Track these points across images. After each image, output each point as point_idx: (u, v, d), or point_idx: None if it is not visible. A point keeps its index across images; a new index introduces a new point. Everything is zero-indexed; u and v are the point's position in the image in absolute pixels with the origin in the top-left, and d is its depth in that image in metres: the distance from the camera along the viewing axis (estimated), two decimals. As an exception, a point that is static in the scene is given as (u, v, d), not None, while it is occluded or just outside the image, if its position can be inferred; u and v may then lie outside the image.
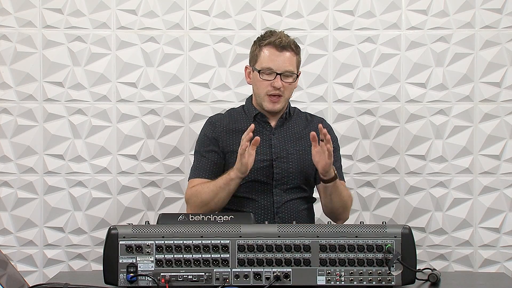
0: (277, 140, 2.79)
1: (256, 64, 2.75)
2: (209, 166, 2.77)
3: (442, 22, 3.41)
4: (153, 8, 3.42)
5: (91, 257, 3.43)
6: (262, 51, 2.74)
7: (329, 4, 3.43)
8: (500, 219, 3.41)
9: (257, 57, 2.75)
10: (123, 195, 3.43)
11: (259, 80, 2.73)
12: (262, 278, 2.07)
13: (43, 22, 3.40)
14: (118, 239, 2.07)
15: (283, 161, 2.76)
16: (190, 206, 2.71)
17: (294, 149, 2.78)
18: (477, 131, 3.41)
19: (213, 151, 2.78)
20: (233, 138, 2.79)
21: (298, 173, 2.77)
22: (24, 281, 2.11)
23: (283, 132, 2.81)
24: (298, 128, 2.84)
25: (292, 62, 2.74)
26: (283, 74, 2.71)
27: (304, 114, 2.92)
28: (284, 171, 2.75)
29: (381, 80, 3.42)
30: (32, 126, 3.41)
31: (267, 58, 2.72)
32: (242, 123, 2.81)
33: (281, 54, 2.72)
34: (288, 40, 2.73)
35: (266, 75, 2.72)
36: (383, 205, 3.44)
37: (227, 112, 2.91)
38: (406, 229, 2.09)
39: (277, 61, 2.71)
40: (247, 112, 2.85)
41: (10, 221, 3.41)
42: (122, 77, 3.42)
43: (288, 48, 2.73)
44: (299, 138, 2.81)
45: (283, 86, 2.72)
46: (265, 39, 2.75)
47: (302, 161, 2.77)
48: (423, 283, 2.21)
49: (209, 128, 2.83)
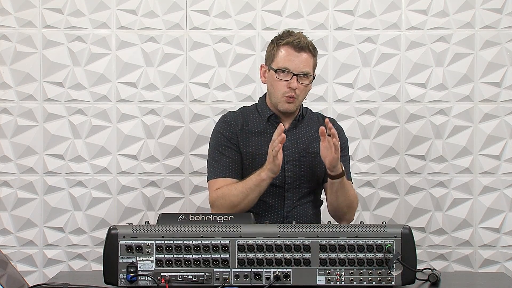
0: (290, 142, 2.76)
1: (272, 63, 2.72)
2: (231, 164, 2.73)
3: (442, 22, 3.41)
4: (153, 8, 3.42)
5: (91, 257, 3.43)
6: (280, 50, 2.71)
7: (329, 4, 3.43)
8: (500, 219, 3.41)
9: (274, 56, 2.72)
10: (123, 195, 3.43)
11: (275, 80, 2.71)
12: (262, 278, 2.07)
13: (43, 22, 3.41)
14: (118, 239, 2.07)
15: (295, 164, 2.74)
16: (216, 209, 2.67)
17: (306, 152, 2.76)
18: (477, 131, 3.41)
19: (232, 148, 2.74)
20: (248, 139, 2.76)
21: (310, 177, 2.75)
22: (24, 281, 2.11)
23: (296, 135, 2.79)
24: (311, 130, 2.81)
25: (309, 64, 2.71)
26: (299, 75, 2.69)
27: (316, 115, 2.89)
28: (296, 175, 2.73)
29: (381, 80, 3.42)
30: (32, 126, 3.41)
31: (285, 58, 2.69)
32: (256, 124, 2.79)
33: (299, 55, 2.69)
34: (306, 42, 2.71)
35: (282, 75, 2.69)
36: (383, 205, 3.44)
37: (240, 110, 2.86)
38: (406, 229, 2.09)
39: (294, 62, 2.68)
40: (260, 113, 2.81)
41: (10, 221, 3.41)
42: (122, 77, 3.42)
43: (306, 50, 2.70)
44: (312, 141, 2.78)
45: (298, 88, 2.69)
46: (283, 39, 2.72)
47: (314, 164, 2.75)
48: (423, 283, 2.21)
49: (225, 127, 2.78)
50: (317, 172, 2.76)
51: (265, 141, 2.73)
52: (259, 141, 2.76)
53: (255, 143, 2.75)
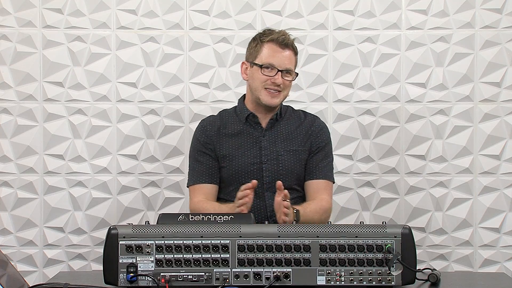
0: (267, 142, 2.80)
1: (256, 59, 2.76)
2: (206, 170, 2.80)
3: (442, 22, 3.41)
4: (153, 8, 3.42)
5: (91, 257, 3.43)
6: (264, 46, 2.76)
7: (329, 4, 3.42)
8: (500, 219, 3.41)
9: (257, 52, 2.76)
10: (123, 195, 3.43)
11: (258, 74, 2.75)
12: (262, 278, 2.07)
13: (43, 22, 3.40)
14: (118, 239, 2.07)
15: (273, 163, 2.77)
16: None
17: (284, 150, 2.79)
18: (477, 131, 3.41)
19: (207, 154, 2.81)
20: (225, 141, 2.81)
21: (288, 174, 2.77)
22: (24, 281, 2.11)
23: (274, 133, 2.82)
24: (290, 128, 2.85)
25: (292, 61, 2.77)
26: (283, 71, 2.73)
27: (297, 113, 2.91)
28: (274, 173, 2.76)
29: (381, 80, 3.42)
30: (32, 126, 3.41)
31: (269, 54, 2.74)
32: (233, 126, 2.83)
33: (283, 51, 2.75)
34: (291, 40, 2.77)
35: (267, 71, 2.74)
36: (383, 205, 3.44)
37: (219, 114, 2.92)
38: (406, 229, 2.09)
39: (279, 58, 2.74)
40: (238, 114, 2.86)
41: (10, 221, 3.41)
42: (122, 77, 3.42)
43: (290, 47, 2.77)
44: (290, 139, 2.82)
45: (283, 83, 2.74)
46: (267, 36, 2.77)
47: (293, 161, 2.78)
48: (423, 283, 2.21)
49: (201, 133, 2.85)
50: (296, 169, 2.79)
51: (242, 142, 2.80)
52: (236, 142, 2.81)
53: (233, 144, 2.81)
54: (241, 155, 2.77)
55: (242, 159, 2.77)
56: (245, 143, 2.79)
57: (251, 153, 2.77)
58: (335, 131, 3.39)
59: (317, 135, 2.84)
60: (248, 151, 2.77)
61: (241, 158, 2.77)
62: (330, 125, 3.39)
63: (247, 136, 2.79)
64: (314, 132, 2.84)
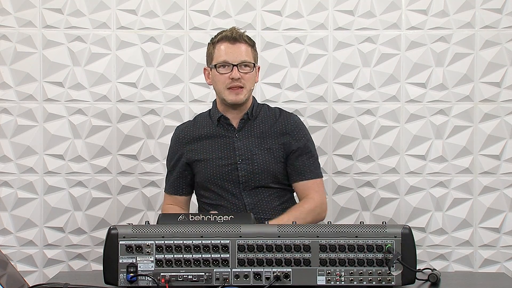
0: (241, 142, 2.81)
1: (212, 61, 2.79)
2: (172, 181, 2.88)
3: (442, 22, 3.41)
4: (153, 8, 3.42)
5: (91, 257, 3.43)
6: (216, 47, 2.78)
7: (329, 4, 3.43)
8: (500, 219, 3.41)
9: (212, 54, 2.79)
10: (123, 195, 3.43)
11: (217, 75, 2.76)
12: (262, 278, 2.07)
13: (43, 22, 3.41)
14: (118, 239, 2.07)
15: (248, 163, 2.78)
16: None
17: (258, 149, 2.79)
18: (477, 131, 3.41)
19: (175, 165, 2.86)
20: (197, 145, 2.84)
21: (264, 173, 2.78)
22: (24, 281, 2.11)
23: (247, 133, 2.82)
24: (264, 127, 2.84)
25: (248, 53, 2.77)
26: (239, 64, 2.74)
27: (273, 111, 2.90)
28: (249, 173, 2.77)
29: (381, 80, 3.42)
30: (32, 126, 3.41)
31: (222, 52, 2.76)
32: (206, 128, 2.86)
33: (234, 46, 2.76)
34: (240, 33, 2.78)
35: (223, 69, 2.75)
36: (383, 205, 3.44)
37: (194, 118, 2.96)
38: (406, 229, 2.09)
39: (232, 53, 2.75)
40: (212, 117, 2.88)
41: (10, 221, 3.41)
42: (122, 77, 3.42)
43: (241, 40, 2.77)
44: (264, 137, 2.82)
45: (242, 77, 2.74)
46: (217, 36, 2.81)
47: (268, 159, 2.78)
48: (423, 283, 2.21)
49: (174, 142, 2.90)
50: (272, 167, 2.79)
51: (216, 144, 2.82)
52: (210, 145, 2.83)
53: (207, 148, 2.83)
54: (216, 158, 2.79)
55: (216, 161, 2.79)
56: (219, 145, 2.81)
57: (224, 155, 2.79)
58: (335, 131, 3.40)
59: (294, 132, 2.82)
60: (221, 153, 2.79)
61: (216, 160, 2.79)
62: (330, 125, 3.39)
63: (220, 138, 2.81)
64: (289, 129, 2.83)
